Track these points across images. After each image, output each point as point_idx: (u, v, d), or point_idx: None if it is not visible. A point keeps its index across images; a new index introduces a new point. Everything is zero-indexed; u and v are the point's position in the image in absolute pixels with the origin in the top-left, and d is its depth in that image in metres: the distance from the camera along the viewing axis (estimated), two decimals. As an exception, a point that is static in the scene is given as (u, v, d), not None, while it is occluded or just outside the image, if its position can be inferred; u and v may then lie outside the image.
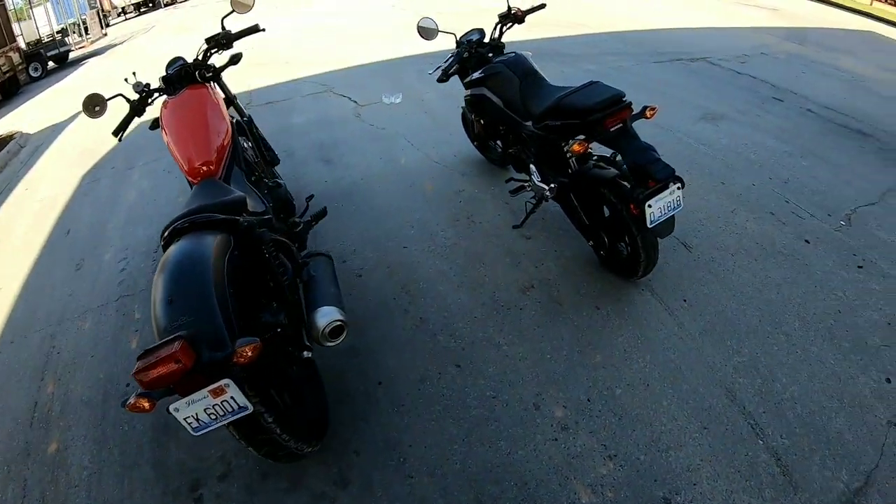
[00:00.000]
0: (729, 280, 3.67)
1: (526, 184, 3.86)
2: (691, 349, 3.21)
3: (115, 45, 17.60)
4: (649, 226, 2.97)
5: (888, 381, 3.01)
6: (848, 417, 2.81)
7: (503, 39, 4.26)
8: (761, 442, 2.69)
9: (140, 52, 14.39)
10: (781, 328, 3.33)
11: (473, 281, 3.73)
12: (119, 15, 25.22)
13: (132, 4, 25.62)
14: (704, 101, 6.24)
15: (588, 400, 2.96)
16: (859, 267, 3.78)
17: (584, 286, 3.65)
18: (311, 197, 3.73)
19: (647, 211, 2.93)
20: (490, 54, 4.12)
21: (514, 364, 3.21)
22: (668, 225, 3.10)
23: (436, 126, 5.79)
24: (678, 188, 3.00)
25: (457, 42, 4.18)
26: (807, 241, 3.95)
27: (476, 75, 4.05)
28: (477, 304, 3.58)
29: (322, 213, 3.47)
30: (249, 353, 1.66)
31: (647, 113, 3.19)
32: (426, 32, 4.12)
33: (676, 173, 2.98)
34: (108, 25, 22.34)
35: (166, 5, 25.56)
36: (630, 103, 3.08)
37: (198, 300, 1.80)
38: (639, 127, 3.12)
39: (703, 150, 4.95)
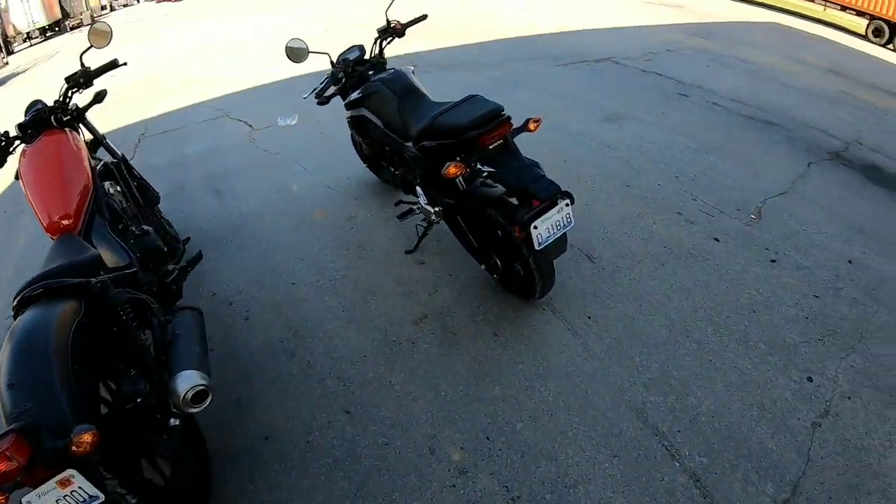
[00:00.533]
0: (636, 290, 3.44)
1: (414, 207, 3.56)
2: (597, 370, 2.95)
3: (18, 73, 16.55)
4: (537, 248, 2.73)
5: (809, 379, 2.87)
6: (770, 425, 2.64)
7: (397, 51, 4.10)
8: (678, 464, 2.47)
9: (41, 81, 13.52)
10: (693, 336, 3.11)
11: (363, 316, 3.39)
12: (24, 41, 23.52)
13: (37, 29, 23.69)
14: (609, 102, 6.10)
15: (487, 438, 2.66)
16: (772, 261, 3.61)
17: (480, 312, 3.34)
18: (188, 240, 3.41)
19: (534, 233, 2.68)
20: (371, 72, 3.81)
21: (407, 405, 2.89)
22: (559, 244, 2.86)
23: (330, 148, 5.41)
24: (567, 205, 2.77)
25: (331, 62, 3.85)
26: (717, 240, 3.76)
27: (354, 96, 3.74)
28: (367, 342, 3.24)
29: (198, 258, 3.16)
30: (87, 441, 1.55)
31: (531, 126, 2.94)
32: (295, 54, 3.72)
33: (563, 189, 2.77)
34: (10, 53, 20.81)
35: (72, 29, 24.34)
36: (509, 118, 2.84)
37: (39, 383, 1.70)
38: (540, 136, 2.95)
39: (607, 153, 4.75)
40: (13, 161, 3.17)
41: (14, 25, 22.34)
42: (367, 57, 3.89)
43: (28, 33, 23.33)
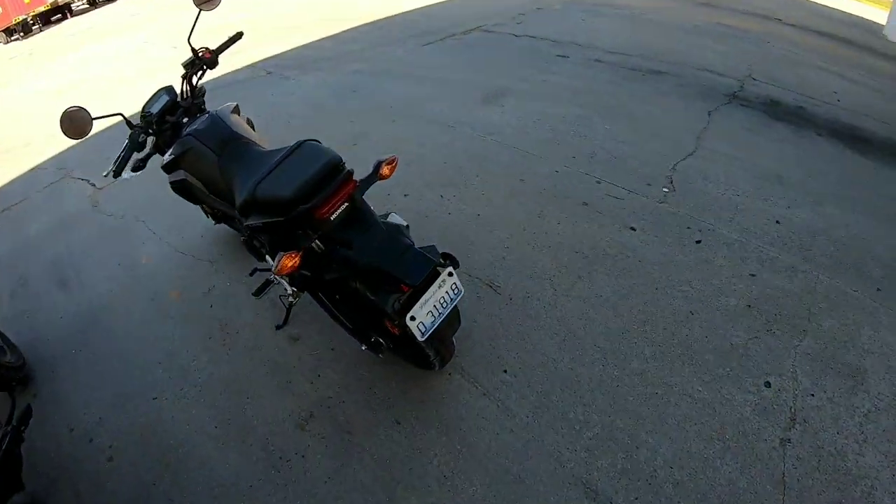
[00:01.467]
0: (554, 319, 2.91)
1: (271, 278, 2.87)
2: (528, 443, 2.46)
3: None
4: (421, 339, 2.16)
5: (767, 384, 2.51)
6: (736, 458, 2.29)
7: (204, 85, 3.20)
8: (643, 541, 1.97)
9: None
10: (631, 365, 2.64)
11: (240, 428, 2.73)
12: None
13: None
14: (484, 78, 5.39)
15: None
16: (697, 242, 3.14)
17: (375, 395, 2.74)
18: (15, 386, 2.75)
19: (412, 325, 2.10)
20: (185, 119, 2.99)
21: None
22: (451, 321, 2.34)
23: (177, 201, 4.62)
24: (450, 273, 2.20)
25: (127, 122, 2.90)
26: (632, 229, 3.26)
27: (166, 158, 2.94)
28: (250, 464, 2.60)
29: (27, 414, 2.51)
30: None
31: (384, 170, 2.31)
32: (74, 127, 2.65)
33: (440, 254, 2.23)
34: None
35: None
36: (349, 173, 2.18)
37: None
38: (413, 130, 2.42)
39: (491, 142, 4.12)
40: None
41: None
42: (180, 100, 3.03)
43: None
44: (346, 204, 2.15)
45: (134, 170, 2.86)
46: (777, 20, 5.53)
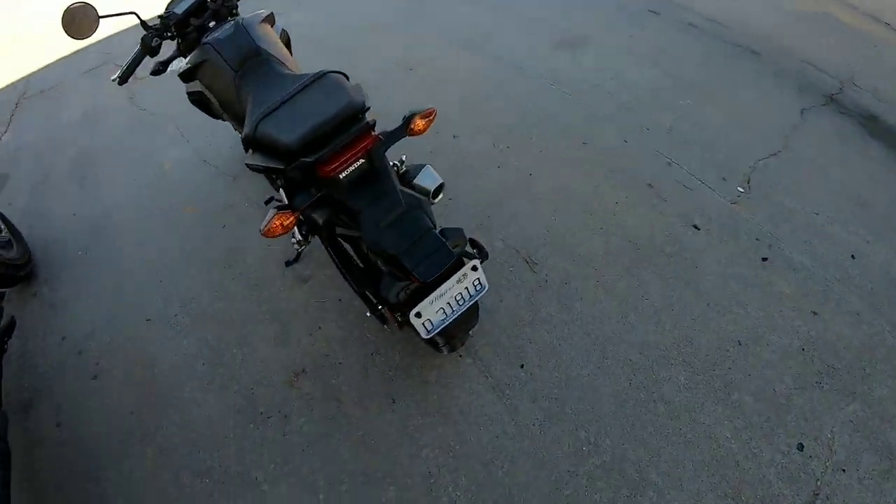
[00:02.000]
0: (588, 316, 2.59)
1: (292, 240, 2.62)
2: (529, 454, 2.22)
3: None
4: (426, 336, 1.88)
5: (800, 447, 2.18)
6: None
7: None
8: None
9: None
10: (661, 390, 2.34)
11: (228, 372, 2.57)
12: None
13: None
14: (563, 20, 4.77)
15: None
16: (764, 259, 2.74)
17: (375, 362, 2.51)
18: (3, 296, 2.55)
19: (417, 322, 1.83)
20: (212, 23, 2.60)
21: None
22: (466, 318, 2.02)
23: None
24: (474, 268, 1.87)
25: (141, 22, 2.44)
26: (696, 227, 2.86)
27: (183, 66, 2.61)
28: (230, 413, 2.45)
29: (10, 327, 2.46)
30: None
31: (418, 124, 1.94)
32: (77, 24, 2.21)
33: (465, 248, 1.93)
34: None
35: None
36: (370, 125, 1.82)
37: None
38: (477, 65, 2.04)
39: (557, 93, 3.66)
40: None
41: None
42: (210, 0, 2.60)
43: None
44: (361, 161, 1.80)
45: (153, 73, 2.57)
46: (885, 24, 4.72)
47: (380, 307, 2.05)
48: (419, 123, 1.94)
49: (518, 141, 3.24)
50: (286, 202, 1.98)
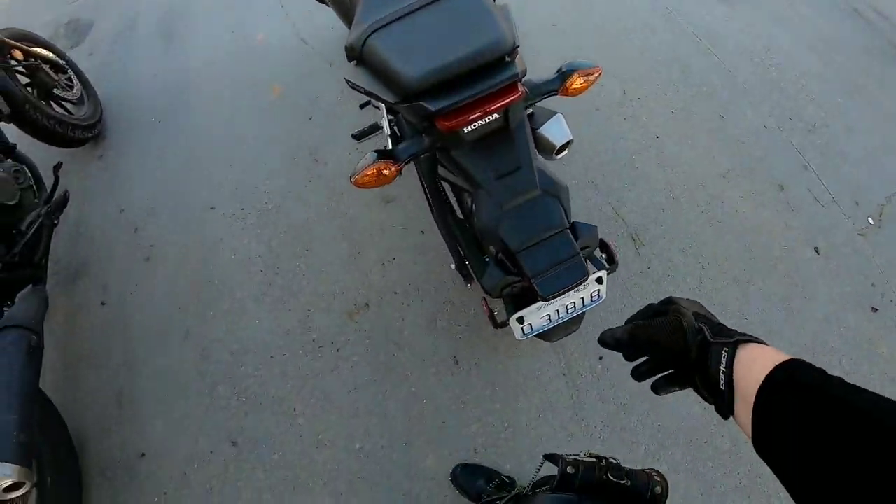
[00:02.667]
0: None
1: (380, 123, 2.27)
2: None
3: None
4: (519, 338, 1.63)
5: None
6: None
7: None
8: None
9: None
10: (733, 427, 2.03)
11: (285, 286, 2.40)
12: None
13: None
14: None
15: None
16: (874, 310, 2.38)
17: (447, 315, 2.32)
18: (60, 166, 2.35)
19: (516, 326, 1.58)
20: None
21: (307, 453, 2.11)
22: (569, 325, 1.74)
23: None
24: (598, 280, 1.56)
25: None
26: (816, 251, 2.52)
27: None
28: (281, 332, 2.30)
29: (64, 202, 2.31)
30: None
31: (575, 83, 1.56)
32: None
33: (600, 260, 1.62)
34: None
35: None
36: (518, 76, 1.38)
37: None
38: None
39: (706, 51, 3.17)
40: None
41: None
42: None
43: None
44: (494, 117, 1.42)
45: None
46: None
47: (465, 266, 1.83)
48: (577, 82, 1.56)
49: (651, 95, 2.86)
50: (388, 143, 1.69)
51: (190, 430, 2.20)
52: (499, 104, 1.37)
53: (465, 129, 1.41)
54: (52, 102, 2.65)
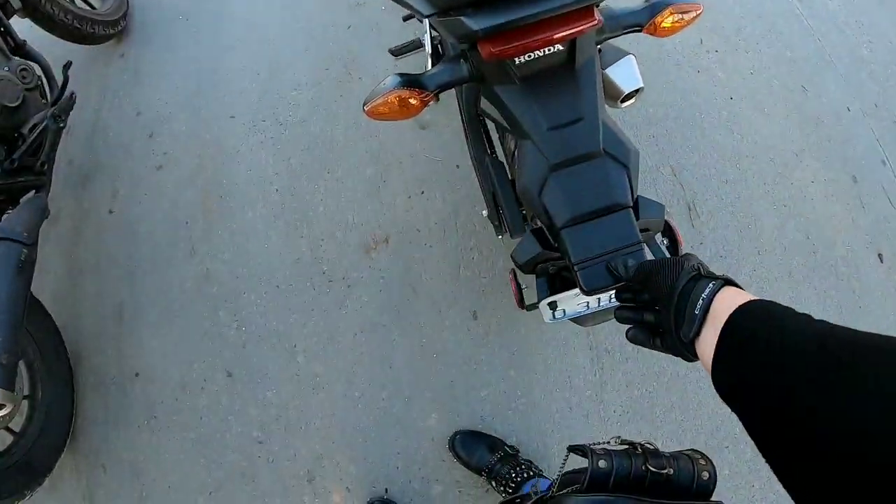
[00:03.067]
0: None
1: (421, 39, 1.96)
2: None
3: None
4: (548, 321, 1.32)
5: None
6: None
7: None
8: None
9: None
10: (746, 436, 1.73)
11: (301, 210, 2.18)
12: None
13: None
14: None
15: (386, 490, 1.83)
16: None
17: (470, 262, 2.06)
18: (69, 65, 2.12)
19: (546, 310, 1.29)
20: None
21: (303, 395, 1.97)
22: (605, 314, 1.40)
23: None
24: None
25: None
26: (880, 258, 2.11)
27: None
28: (290, 261, 2.11)
29: (70, 104, 2.09)
30: None
31: (665, 19, 1.18)
32: None
33: (652, 240, 1.26)
34: None
35: None
36: None
37: None
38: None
39: (793, 13, 2.61)
40: None
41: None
42: None
43: None
44: (557, 48, 1.07)
45: None
46: None
47: (498, 216, 1.53)
48: (668, 19, 1.18)
49: (731, 50, 2.40)
50: (428, 64, 1.31)
51: (186, 355, 2.07)
52: (566, 32, 1.01)
53: (517, 61, 1.08)
54: (74, -5, 2.43)
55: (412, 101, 1.17)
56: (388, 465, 1.85)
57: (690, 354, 0.73)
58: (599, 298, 1.23)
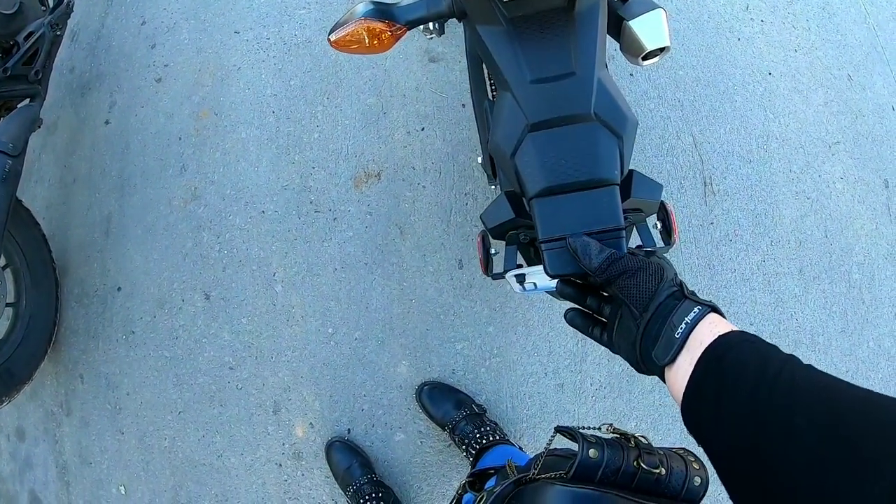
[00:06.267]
0: (726, 299, 1.88)
1: None
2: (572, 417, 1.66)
3: None
4: (517, 292, 1.17)
5: None
6: None
7: None
8: None
9: None
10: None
11: (295, 134, 2.09)
12: None
13: None
14: None
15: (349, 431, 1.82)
16: None
17: (462, 209, 1.94)
18: None
19: (513, 281, 1.13)
20: None
21: (276, 325, 1.94)
22: None
23: None
24: None
25: None
26: None
27: None
28: (278, 186, 2.03)
29: (66, 12, 2.02)
30: None
31: None
32: None
33: (640, 222, 1.12)
34: None
35: None
36: None
37: None
38: None
39: (856, 2, 2.32)
40: None
41: None
42: None
43: None
44: None
45: None
46: None
47: (492, 164, 1.39)
48: None
49: (778, 22, 2.15)
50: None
51: (167, 273, 2.04)
52: None
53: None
54: None
55: (382, 34, 1.03)
56: (354, 406, 1.80)
57: (648, 373, 0.71)
58: None
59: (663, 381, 0.69)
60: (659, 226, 1.13)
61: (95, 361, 2.04)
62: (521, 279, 1.10)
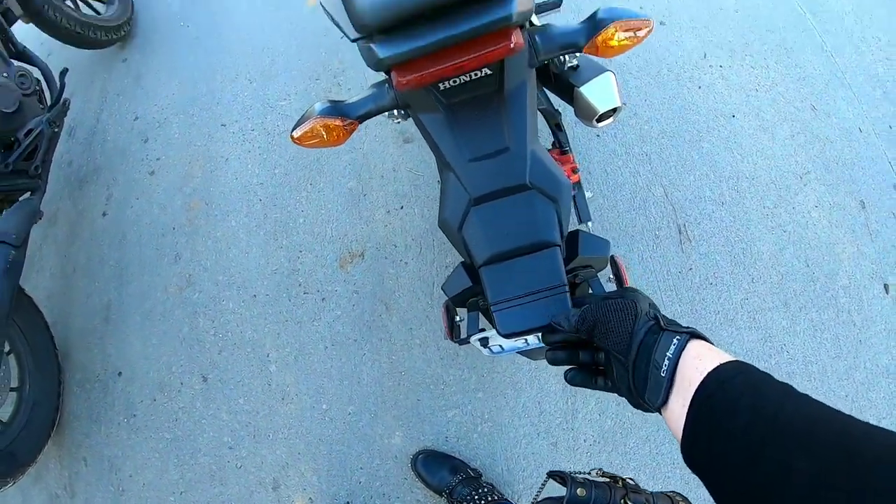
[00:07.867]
0: (714, 337, 1.90)
1: None
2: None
3: None
4: (485, 355, 1.28)
5: None
6: None
7: None
8: None
9: None
10: None
11: (282, 220, 2.23)
12: None
13: None
14: None
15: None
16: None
17: (443, 282, 2.03)
18: (66, 72, 2.21)
19: (476, 343, 1.21)
20: None
21: (272, 404, 2.03)
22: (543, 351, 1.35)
23: None
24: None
25: None
26: (885, 289, 2.02)
27: None
28: (268, 271, 2.16)
29: (62, 110, 2.16)
30: None
31: (612, 37, 1.06)
32: None
33: (592, 278, 1.21)
34: None
35: None
36: (506, 17, 0.91)
37: None
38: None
39: (806, 27, 2.50)
40: None
41: None
42: None
43: None
44: (485, 73, 1.00)
45: None
46: None
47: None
48: (615, 37, 1.06)
49: (737, 66, 2.31)
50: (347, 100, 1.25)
51: (165, 357, 2.14)
52: (478, 56, 0.94)
53: (441, 87, 1.02)
54: (79, 1, 2.50)
55: (337, 129, 1.14)
56: (351, 479, 1.88)
57: (655, 411, 0.70)
58: (538, 336, 1.13)
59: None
60: (611, 279, 1.23)
61: (98, 444, 2.12)
62: (484, 342, 1.19)
